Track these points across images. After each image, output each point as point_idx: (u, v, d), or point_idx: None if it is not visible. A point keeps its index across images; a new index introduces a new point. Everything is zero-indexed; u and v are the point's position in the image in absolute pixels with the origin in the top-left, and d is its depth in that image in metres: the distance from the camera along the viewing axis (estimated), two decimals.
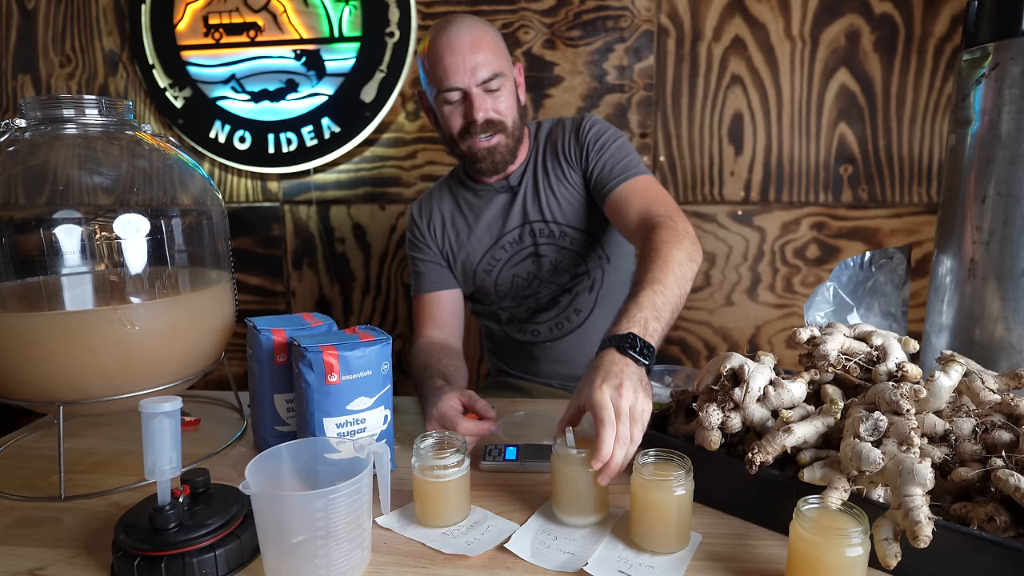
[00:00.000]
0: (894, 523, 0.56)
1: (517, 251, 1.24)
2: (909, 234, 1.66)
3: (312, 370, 0.75)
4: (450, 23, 1.11)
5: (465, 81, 1.09)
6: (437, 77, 1.11)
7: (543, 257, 1.23)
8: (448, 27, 1.10)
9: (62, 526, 0.73)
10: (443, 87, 1.10)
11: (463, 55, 1.08)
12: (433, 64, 1.10)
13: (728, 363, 0.74)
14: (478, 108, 1.10)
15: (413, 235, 1.28)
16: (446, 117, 1.14)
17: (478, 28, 1.11)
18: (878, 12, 1.56)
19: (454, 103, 1.12)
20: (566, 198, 1.21)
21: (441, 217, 1.27)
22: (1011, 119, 0.82)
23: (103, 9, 1.81)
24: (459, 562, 0.65)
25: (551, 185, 1.22)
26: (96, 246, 0.87)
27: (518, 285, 1.26)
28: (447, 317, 1.25)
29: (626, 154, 1.17)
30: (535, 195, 1.22)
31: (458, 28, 1.10)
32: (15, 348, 0.80)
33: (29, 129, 0.87)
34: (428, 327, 1.22)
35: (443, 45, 1.09)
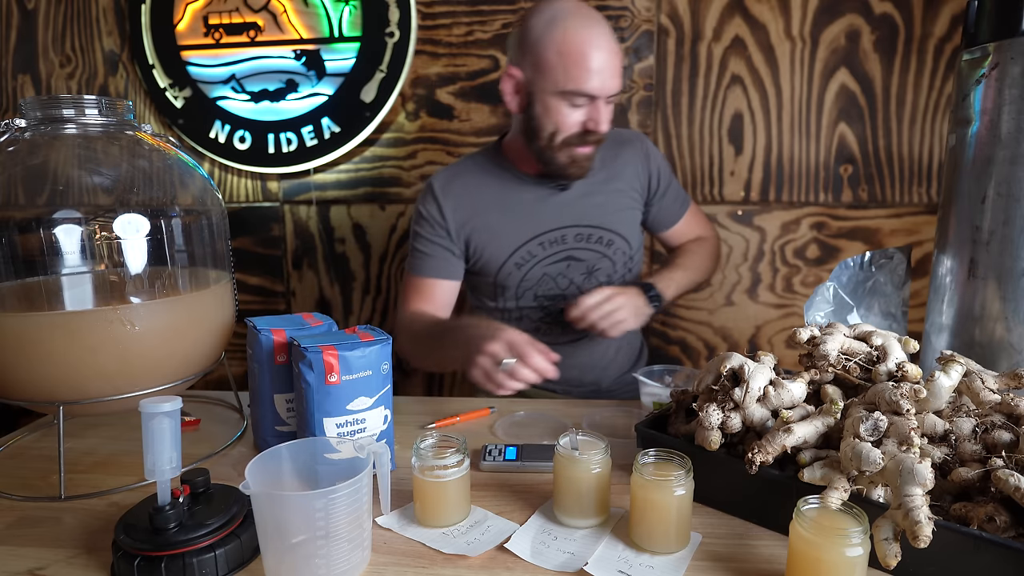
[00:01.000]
0: (894, 523, 0.56)
1: (556, 250, 1.20)
2: (909, 234, 1.66)
3: (312, 370, 0.75)
4: (590, 19, 1.03)
5: (601, 89, 1.04)
6: (574, 74, 1.02)
7: (580, 261, 1.22)
8: (593, 22, 1.02)
9: (62, 526, 0.73)
10: (580, 88, 1.03)
11: (609, 60, 1.03)
12: (573, 57, 1.01)
13: (728, 363, 0.74)
14: (604, 120, 1.06)
15: (428, 212, 1.19)
16: (560, 116, 1.07)
17: (611, 33, 1.05)
18: (878, 12, 1.56)
19: (579, 106, 1.06)
20: (616, 205, 1.22)
21: (472, 199, 1.18)
22: (1011, 119, 0.82)
23: (103, 9, 1.81)
24: (459, 562, 0.65)
25: (606, 191, 1.21)
26: (96, 246, 0.87)
27: (546, 284, 1.23)
28: (441, 304, 1.21)
29: (678, 187, 1.33)
30: (590, 198, 1.20)
31: (599, 28, 1.03)
32: (15, 348, 0.80)
33: (29, 129, 0.87)
34: (421, 305, 1.19)
35: (591, 40, 1.01)
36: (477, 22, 1.68)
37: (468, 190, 1.19)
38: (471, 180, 1.20)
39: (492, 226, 1.18)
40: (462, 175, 1.21)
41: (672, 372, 0.97)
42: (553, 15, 1.04)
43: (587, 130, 1.08)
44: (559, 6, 1.05)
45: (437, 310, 1.19)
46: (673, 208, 1.31)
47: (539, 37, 1.04)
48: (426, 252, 1.19)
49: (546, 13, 1.05)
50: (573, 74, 1.02)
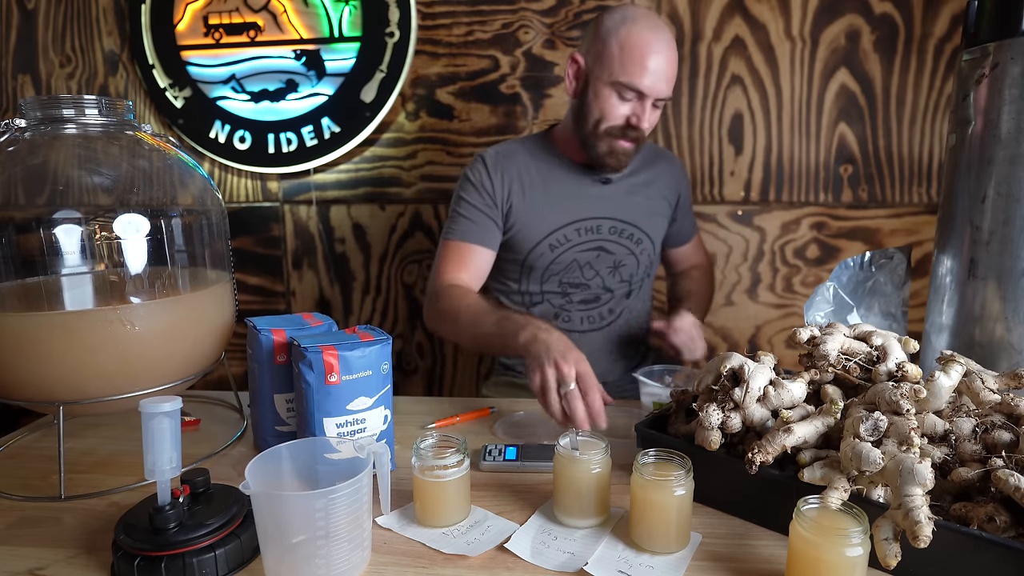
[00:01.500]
0: (894, 523, 0.56)
1: (590, 238, 1.25)
2: (909, 234, 1.66)
3: (312, 370, 0.75)
4: (658, 26, 1.11)
5: (651, 89, 1.10)
6: (629, 68, 1.10)
7: (610, 254, 1.27)
8: (659, 29, 1.11)
9: (62, 526, 0.73)
10: (632, 82, 1.10)
11: (664, 66, 1.10)
12: (632, 53, 1.09)
13: (728, 363, 0.74)
14: (647, 118, 1.14)
15: (478, 178, 1.24)
16: (608, 105, 1.14)
17: (674, 45, 1.13)
18: (878, 12, 1.56)
19: (627, 99, 1.13)
20: (652, 209, 1.30)
21: (519, 176, 1.24)
22: (1011, 119, 0.82)
23: (103, 9, 1.81)
24: (459, 562, 0.65)
25: (645, 193, 1.29)
26: (96, 246, 0.87)
27: (573, 272, 1.27)
28: (478, 272, 1.23)
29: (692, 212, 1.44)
30: (629, 196, 1.27)
31: (668, 37, 1.11)
32: (15, 348, 0.80)
33: (29, 129, 0.87)
34: (455, 270, 1.20)
35: (653, 43, 1.09)
36: (477, 22, 1.68)
37: (516, 166, 1.24)
38: (520, 158, 1.25)
39: (534, 204, 1.23)
40: (513, 153, 1.26)
41: (672, 372, 0.97)
42: (625, 15, 1.12)
43: (629, 124, 1.14)
44: (634, 10, 1.13)
45: (472, 279, 1.21)
46: (685, 229, 1.42)
47: (608, 30, 1.12)
48: (469, 218, 1.22)
49: (620, 12, 1.14)
50: (628, 68, 1.09)
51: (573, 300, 1.29)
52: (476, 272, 1.22)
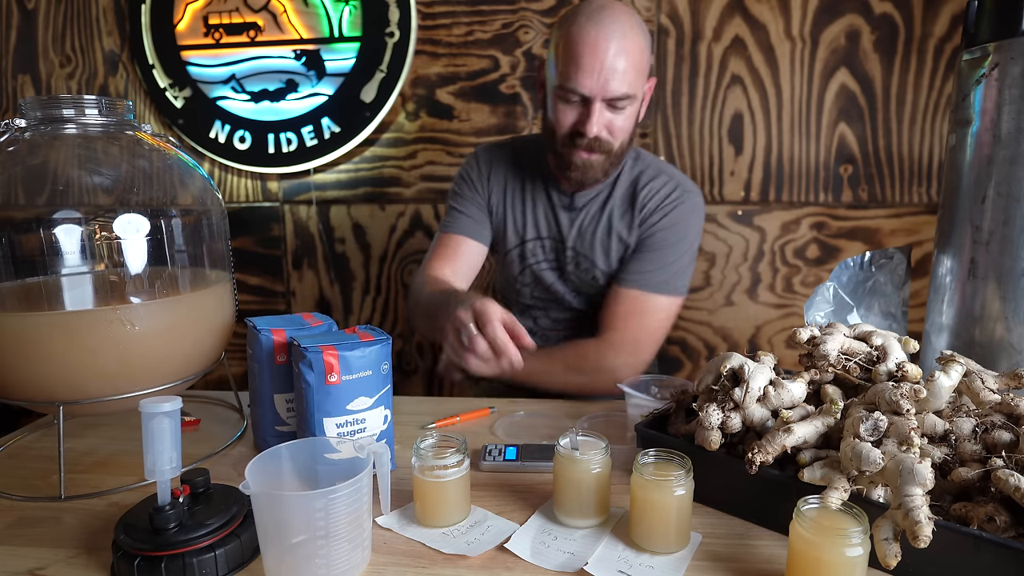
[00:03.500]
0: (894, 523, 0.56)
1: (553, 258, 1.22)
2: (909, 234, 1.66)
3: (312, 370, 0.75)
4: (604, 13, 0.99)
5: (592, 89, 0.99)
6: (565, 70, 1.00)
7: (569, 281, 1.23)
8: (600, 19, 0.98)
9: (62, 526, 0.73)
10: (567, 84, 1.01)
11: (601, 60, 0.98)
12: (567, 53, 1.00)
13: (728, 363, 0.74)
14: (594, 123, 1.01)
15: (469, 176, 1.22)
16: (556, 112, 1.05)
17: (630, 35, 0.99)
18: (878, 12, 1.56)
19: (571, 103, 1.03)
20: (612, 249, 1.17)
21: (505, 180, 1.21)
22: (1011, 119, 0.82)
23: (103, 9, 1.81)
24: (459, 562, 0.65)
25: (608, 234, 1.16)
26: (96, 246, 0.87)
27: (540, 286, 1.25)
28: (464, 265, 1.20)
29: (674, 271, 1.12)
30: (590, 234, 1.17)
31: (609, 26, 0.98)
32: (15, 348, 0.80)
33: (29, 129, 0.87)
34: (441, 265, 1.17)
35: (586, 39, 0.98)
36: (477, 22, 1.68)
37: (504, 169, 1.22)
38: (511, 162, 1.22)
39: (512, 212, 1.21)
40: (504, 155, 1.23)
41: (659, 382, 0.95)
42: (576, 9, 1.02)
43: (577, 131, 1.04)
44: (591, 3, 1.02)
45: (458, 272, 1.18)
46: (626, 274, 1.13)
47: (557, 29, 1.05)
48: (461, 210, 1.21)
49: (575, 7, 1.04)
50: (565, 69, 1.00)
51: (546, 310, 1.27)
52: (462, 265, 1.19)
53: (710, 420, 0.71)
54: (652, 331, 1.11)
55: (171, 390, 0.88)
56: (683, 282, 1.14)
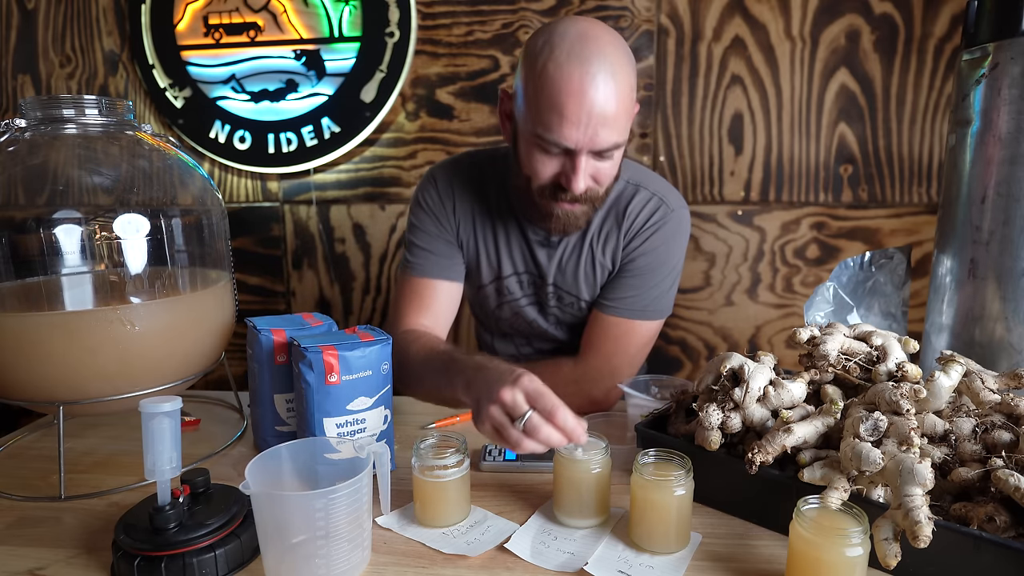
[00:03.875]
0: (894, 523, 0.56)
1: (532, 294, 1.10)
2: (909, 234, 1.66)
3: (312, 370, 0.75)
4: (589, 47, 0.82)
5: (579, 142, 0.84)
6: (544, 118, 0.84)
7: (551, 315, 1.12)
8: (585, 56, 0.82)
9: (62, 526, 0.73)
10: (547, 136, 0.85)
11: (589, 110, 0.82)
12: (546, 98, 0.83)
13: (728, 363, 0.74)
14: (579, 177, 0.87)
15: (430, 208, 1.05)
16: (532, 161, 0.90)
17: (619, 72, 0.83)
18: (878, 12, 1.56)
19: (552, 153, 0.87)
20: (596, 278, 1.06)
21: (472, 210, 1.06)
22: (1011, 119, 0.82)
23: (103, 9, 1.81)
24: (459, 562, 0.65)
25: (592, 265, 1.04)
26: (96, 246, 0.87)
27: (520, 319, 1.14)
28: (443, 310, 1.06)
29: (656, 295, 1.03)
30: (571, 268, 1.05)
31: (597, 65, 0.82)
32: (15, 348, 0.80)
33: (29, 129, 0.87)
34: (417, 316, 1.03)
35: (569, 84, 0.81)
36: (477, 22, 1.68)
37: (471, 196, 1.06)
38: (475, 187, 1.06)
39: (483, 245, 1.07)
40: (467, 180, 1.06)
41: (659, 382, 0.95)
42: (549, 38, 0.84)
43: (560, 185, 0.89)
44: (565, 28, 0.84)
45: (438, 320, 1.06)
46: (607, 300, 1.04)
47: (529, 62, 0.86)
48: (427, 248, 1.05)
49: (547, 34, 0.86)
50: (545, 117, 0.84)
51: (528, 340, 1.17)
52: (439, 312, 1.05)
53: (710, 420, 0.71)
54: (632, 356, 1.04)
55: (171, 390, 0.88)
56: (666, 303, 1.05)
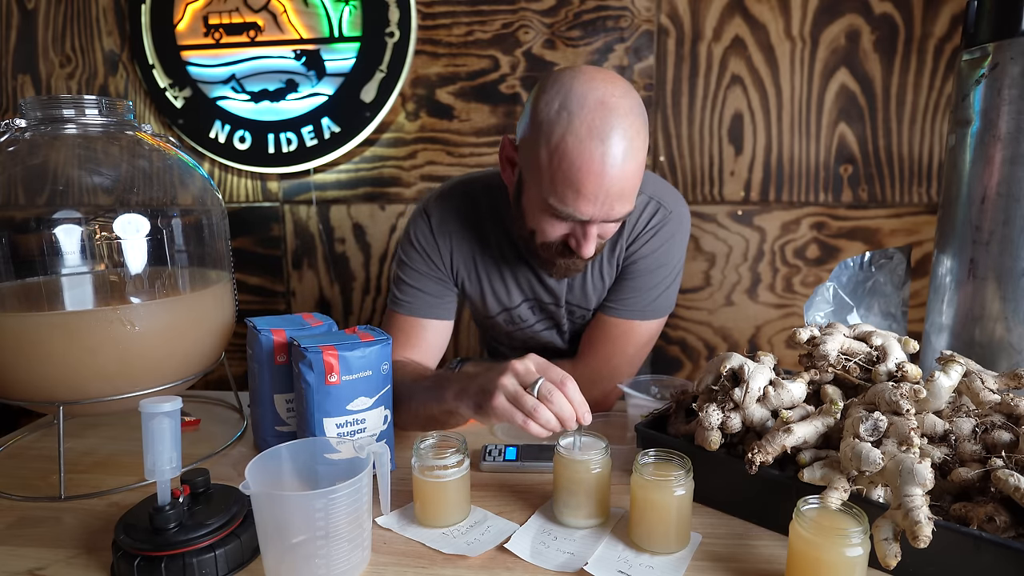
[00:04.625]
0: (894, 523, 0.56)
1: (544, 319, 1.10)
2: (909, 234, 1.66)
3: (312, 370, 0.75)
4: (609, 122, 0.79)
5: (593, 216, 0.83)
6: (560, 191, 0.82)
7: (565, 333, 1.12)
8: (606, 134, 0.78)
9: (62, 526, 0.73)
10: (561, 209, 0.83)
11: (607, 188, 0.80)
12: (562, 172, 0.80)
13: (728, 363, 0.74)
14: (590, 245, 0.86)
15: (423, 248, 1.03)
16: (541, 222, 0.88)
17: (637, 144, 0.81)
18: (878, 12, 1.56)
19: (564, 219, 0.85)
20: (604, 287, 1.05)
21: (470, 248, 1.04)
22: (1011, 119, 0.82)
23: (103, 9, 1.81)
24: (459, 562, 0.65)
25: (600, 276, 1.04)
26: (96, 246, 0.87)
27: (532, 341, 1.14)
28: (431, 348, 1.04)
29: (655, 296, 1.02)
30: (579, 286, 1.04)
31: (617, 144, 0.79)
32: (15, 348, 0.80)
33: (29, 129, 0.87)
34: (402, 349, 1.02)
35: (590, 164, 0.79)
36: (477, 22, 1.68)
37: (469, 233, 1.03)
38: (472, 223, 1.03)
39: (486, 281, 1.05)
40: (462, 216, 1.03)
41: (659, 382, 0.95)
42: (566, 104, 0.80)
43: (568, 247, 0.89)
44: (584, 93, 0.80)
45: (425, 357, 1.03)
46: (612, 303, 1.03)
47: (544, 128, 0.81)
48: (417, 287, 1.03)
49: (563, 96, 0.81)
50: (560, 191, 0.82)
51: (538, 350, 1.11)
52: (427, 349, 1.04)
53: (710, 420, 0.71)
54: (631, 356, 1.03)
55: (171, 390, 0.88)
56: (667, 303, 1.04)
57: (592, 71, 0.83)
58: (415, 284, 1.03)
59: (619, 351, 1.03)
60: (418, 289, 1.03)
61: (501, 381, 0.72)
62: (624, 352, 1.03)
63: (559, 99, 0.81)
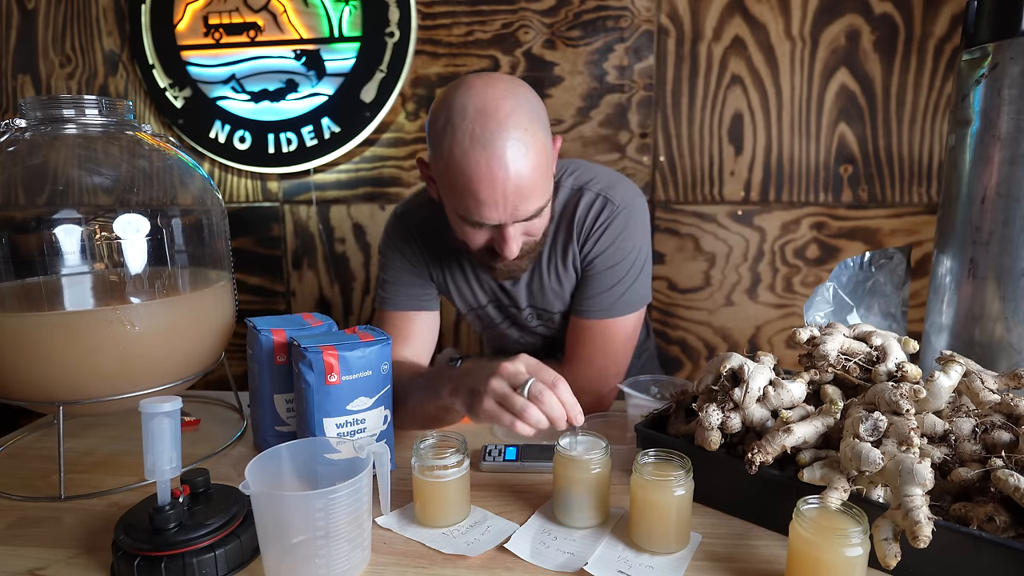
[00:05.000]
0: (894, 523, 0.56)
1: (507, 317, 1.13)
2: (909, 234, 1.66)
3: (312, 370, 0.75)
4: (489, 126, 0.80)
5: (501, 218, 0.84)
6: (462, 203, 0.84)
7: (535, 333, 1.14)
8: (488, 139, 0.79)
9: (62, 526, 0.73)
10: (469, 217, 0.85)
11: (503, 191, 0.81)
12: (458, 185, 0.82)
13: (728, 363, 0.74)
14: (510, 246, 0.88)
15: (398, 247, 1.07)
16: (462, 231, 0.90)
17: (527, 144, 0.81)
18: (878, 12, 1.56)
19: (480, 226, 0.87)
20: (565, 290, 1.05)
21: (438, 246, 1.06)
22: (1011, 119, 0.82)
23: (103, 9, 1.81)
24: (459, 562, 0.65)
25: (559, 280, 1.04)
26: (96, 246, 0.87)
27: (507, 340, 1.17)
28: (422, 341, 1.08)
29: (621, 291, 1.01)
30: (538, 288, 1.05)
31: (502, 147, 0.80)
32: (15, 348, 0.80)
33: (29, 129, 0.87)
34: (397, 347, 1.03)
35: (477, 171, 0.80)
36: (477, 22, 1.68)
37: (436, 233, 1.05)
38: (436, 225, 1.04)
39: (456, 283, 1.09)
40: (431, 218, 1.05)
41: (659, 382, 0.95)
42: (450, 117, 0.82)
43: (494, 251, 0.91)
44: (464, 103, 0.81)
45: (418, 352, 1.06)
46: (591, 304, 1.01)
47: (435, 143, 0.84)
48: (399, 283, 1.07)
49: (447, 110, 0.83)
50: (463, 201, 0.84)
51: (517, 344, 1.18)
52: (418, 343, 1.07)
53: (710, 420, 0.71)
54: (613, 355, 1.02)
55: (171, 390, 0.88)
56: (637, 296, 1.02)
57: (473, 79, 0.85)
58: (396, 281, 1.07)
59: (600, 352, 1.02)
60: (399, 285, 1.07)
61: (490, 384, 0.72)
62: (605, 352, 1.02)
63: (444, 113, 0.83)
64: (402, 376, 0.91)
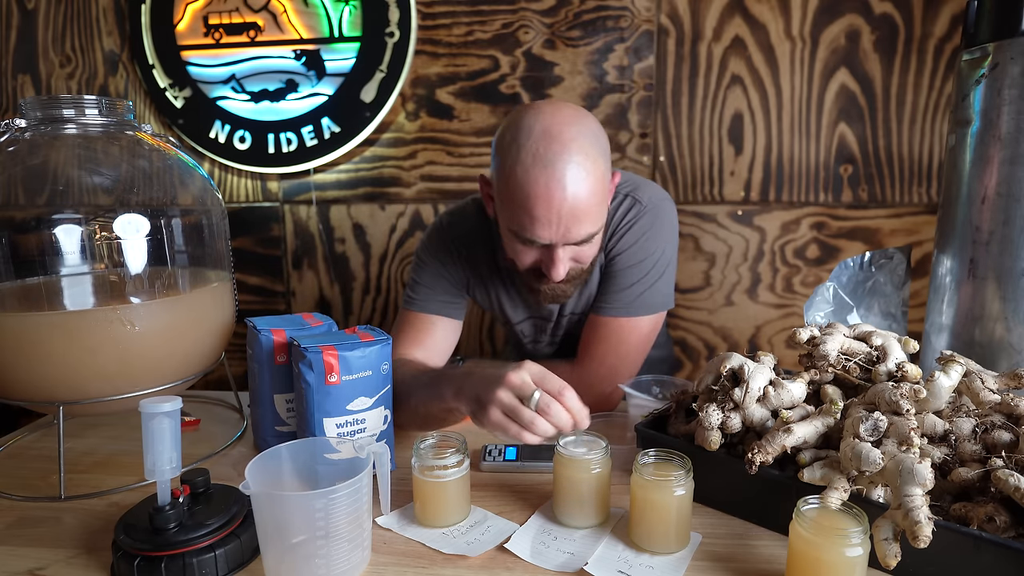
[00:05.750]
0: (894, 523, 0.56)
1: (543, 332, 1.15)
2: (909, 234, 1.66)
3: (312, 370, 0.75)
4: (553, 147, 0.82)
5: (553, 238, 0.86)
6: (517, 218, 0.86)
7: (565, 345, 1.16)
8: (549, 159, 0.82)
9: (62, 526, 0.73)
10: (522, 234, 0.87)
11: (558, 211, 0.83)
12: (515, 200, 0.85)
13: (728, 363, 0.74)
14: (558, 268, 0.89)
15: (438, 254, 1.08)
16: (512, 250, 0.93)
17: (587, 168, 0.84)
18: (878, 12, 1.56)
19: (531, 246, 0.89)
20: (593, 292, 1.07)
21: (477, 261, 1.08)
22: (1011, 119, 0.82)
23: (103, 9, 1.81)
24: (459, 562, 0.65)
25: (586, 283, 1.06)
26: (96, 246, 0.87)
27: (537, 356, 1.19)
28: (438, 345, 1.08)
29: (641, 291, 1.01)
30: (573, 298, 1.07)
31: (562, 168, 0.82)
32: (15, 348, 0.80)
33: (29, 129, 0.87)
34: (410, 347, 1.05)
35: (535, 188, 0.83)
36: (477, 22, 1.68)
37: (480, 247, 1.08)
38: (483, 238, 1.08)
39: (493, 295, 1.11)
40: (477, 231, 1.08)
41: (660, 382, 0.95)
42: (516, 136, 0.85)
43: (542, 272, 0.92)
44: (531, 123, 0.85)
45: (430, 355, 1.06)
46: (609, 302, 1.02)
47: (499, 159, 0.88)
48: (429, 286, 1.08)
49: (514, 129, 0.86)
50: (518, 218, 0.86)
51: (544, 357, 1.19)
52: (434, 346, 1.07)
53: (710, 420, 0.71)
54: (626, 355, 1.03)
55: (171, 390, 0.88)
56: (657, 299, 1.03)
57: (543, 104, 0.88)
58: (428, 284, 1.08)
59: (612, 351, 1.02)
60: (429, 288, 1.08)
61: (497, 395, 0.72)
62: (617, 352, 1.02)
63: (511, 133, 0.87)
64: (405, 375, 0.91)
